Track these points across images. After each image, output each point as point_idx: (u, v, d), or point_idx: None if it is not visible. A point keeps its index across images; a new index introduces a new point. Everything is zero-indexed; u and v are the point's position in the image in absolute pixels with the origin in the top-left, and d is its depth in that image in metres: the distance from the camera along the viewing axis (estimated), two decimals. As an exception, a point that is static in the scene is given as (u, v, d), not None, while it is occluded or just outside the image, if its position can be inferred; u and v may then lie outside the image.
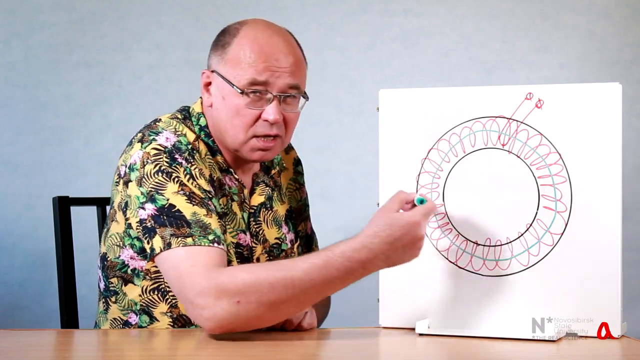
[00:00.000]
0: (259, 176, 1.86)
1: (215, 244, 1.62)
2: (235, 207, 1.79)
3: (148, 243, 1.66)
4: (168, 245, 1.62)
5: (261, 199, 1.85)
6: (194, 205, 1.66)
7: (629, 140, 2.72)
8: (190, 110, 1.83)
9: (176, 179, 1.68)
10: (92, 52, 2.84)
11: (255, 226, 1.83)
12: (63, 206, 2.06)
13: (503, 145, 1.69)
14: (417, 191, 1.73)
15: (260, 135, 1.75)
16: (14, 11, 2.82)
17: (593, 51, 2.85)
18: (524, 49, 2.86)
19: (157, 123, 1.77)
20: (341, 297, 2.77)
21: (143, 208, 1.68)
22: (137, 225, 1.69)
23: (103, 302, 1.82)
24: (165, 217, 1.65)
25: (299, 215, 1.97)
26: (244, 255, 1.79)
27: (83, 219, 2.24)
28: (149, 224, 1.66)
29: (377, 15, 2.87)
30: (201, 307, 1.56)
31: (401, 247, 1.57)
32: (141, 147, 1.72)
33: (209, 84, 1.79)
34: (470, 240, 1.70)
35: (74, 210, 2.08)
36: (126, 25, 2.86)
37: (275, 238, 1.86)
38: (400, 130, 1.74)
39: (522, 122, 1.68)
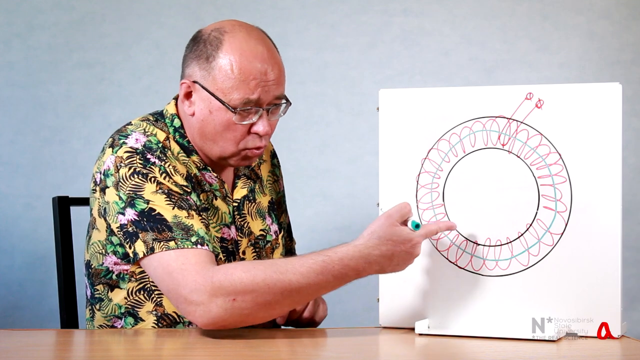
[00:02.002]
0: (240, 169, 1.87)
1: (199, 246, 1.63)
2: (218, 202, 1.81)
3: (130, 247, 1.67)
4: (151, 250, 1.64)
5: (244, 191, 1.86)
6: (174, 207, 1.67)
7: (629, 140, 2.72)
8: (164, 111, 1.84)
9: (153, 179, 1.69)
10: (92, 52, 2.84)
11: (239, 219, 1.84)
12: (63, 206, 2.06)
13: (503, 145, 1.69)
14: (417, 191, 1.74)
15: (251, 147, 1.76)
16: (14, 11, 2.82)
17: (593, 51, 2.84)
18: (524, 49, 2.86)
19: (127, 126, 1.78)
20: (341, 297, 2.77)
21: (123, 213, 1.68)
22: (118, 231, 1.70)
23: (89, 310, 1.84)
24: (146, 222, 1.66)
25: (279, 207, 1.99)
26: (229, 249, 1.80)
27: (83, 219, 2.24)
28: (130, 229, 1.67)
29: (377, 15, 2.87)
30: (196, 304, 1.57)
31: (396, 261, 1.61)
32: (112, 151, 1.73)
33: (190, 93, 1.77)
34: (470, 240, 1.70)
35: (74, 210, 2.08)
36: (126, 25, 2.86)
37: (260, 230, 1.88)
38: (400, 130, 1.74)
39: (522, 122, 1.68)
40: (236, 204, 1.84)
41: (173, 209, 1.67)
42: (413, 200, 1.73)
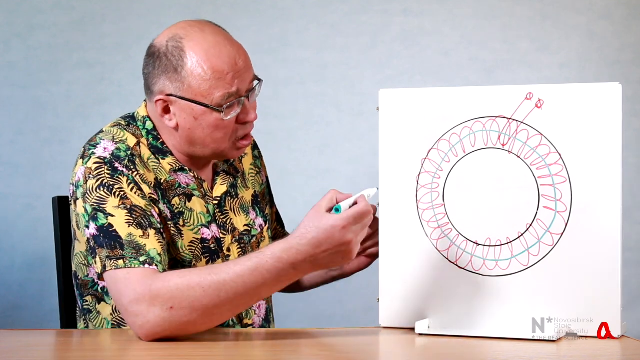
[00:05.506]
0: (218, 166, 1.87)
1: (147, 265, 1.63)
2: (194, 203, 1.80)
3: (95, 263, 1.68)
4: (104, 267, 1.64)
5: (224, 188, 1.85)
6: (132, 224, 1.66)
7: (629, 140, 2.72)
8: (135, 114, 1.84)
9: (117, 192, 1.69)
10: (92, 52, 2.84)
11: (221, 216, 1.83)
12: (63, 206, 2.06)
13: (503, 145, 1.69)
14: (417, 191, 1.74)
15: (242, 136, 1.77)
16: (14, 11, 2.82)
17: (593, 51, 2.84)
18: (524, 49, 2.86)
19: (98, 135, 1.78)
20: (341, 297, 2.77)
21: (88, 227, 1.69)
22: (86, 244, 1.71)
23: (83, 320, 1.83)
24: (102, 238, 1.66)
25: (263, 199, 1.97)
26: (212, 249, 1.80)
27: (83, 219, 2.24)
28: (92, 244, 1.68)
29: (377, 15, 2.87)
30: (135, 315, 1.57)
31: (327, 251, 1.55)
32: (83, 163, 1.74)
33: (167, 108, 1.76)
34: (470, 240, 1.70)
35: (74, 210, 2.08)
36: (126, 25, 2.86)
37: (244, 225, 1.87)
38: (400, 130, 1.74)
39: (522, 122, 1.68)
40: (216, 202, 1.83)
41: (129, 226, 1.66)
42: (413, 200, 1.74)
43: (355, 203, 1.58)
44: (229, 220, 1.84)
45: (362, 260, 1.88)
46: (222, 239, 1.81)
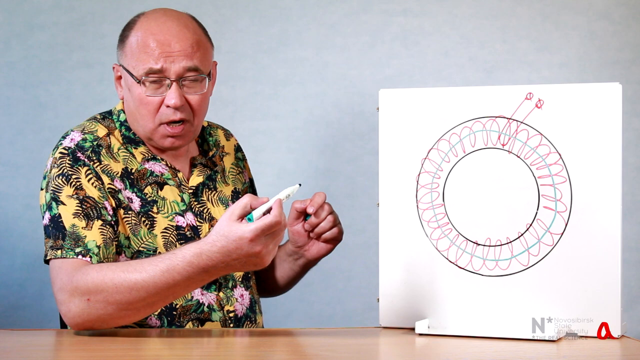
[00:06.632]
0: (196, 159, 1.91)
1: (80, 256, 1.68)
2: (166, 192, 1.83)
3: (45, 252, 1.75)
4: (45, 256, 1.72)
5: (200, 179, 1.89)
6: (78, 215, 1.71)
7: (629, 140, 2.72)
8: (113, 108, 1.90)
9: (74, 182, 1.74)
10: (92, 52, 2.84)
11: (198, 206, 1.86)
12: (63, 206, 2.07)
13: (503, 145, 1.69)
14: (417, 191, 1.74)
15: (166, 121, 1.79)
16: (14, 11, 2.82)
17: (593, 51, 2.84)
18: (524, 49, 2.85)
19: (72, 127, 1.85)
20: (341, 297, 2.77)
21: (43, 217, 1.75)
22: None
23: None
24: (51, 228, 1.72)
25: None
26: (188, 236, 1.82)
27: (83, 219, 2.24)
28: (44, 233, 1.75)
29: (377, 15, 2.87)
30: (60, 302, 1.66)
31: (237, 259, 1.55)
32: (52, 153, 1.81)
33: (120, 77, 1.85)
34: (470, 240, 1.70)
35: (74, 210, 2.08)
36: (126, 25, 2.85)
37: None
38: (400, 130, 1.74)
39: (522, 122, 1.68)
40: (192, 191, 1.87)
41: (74, 217, 1.71)
42: (413, 201, 1.74)
43: (270, 209, 1.54)
44: (206, 210, 1.87)
45: (322, 246, 1.89)
46: (198, 227, 1.84)
